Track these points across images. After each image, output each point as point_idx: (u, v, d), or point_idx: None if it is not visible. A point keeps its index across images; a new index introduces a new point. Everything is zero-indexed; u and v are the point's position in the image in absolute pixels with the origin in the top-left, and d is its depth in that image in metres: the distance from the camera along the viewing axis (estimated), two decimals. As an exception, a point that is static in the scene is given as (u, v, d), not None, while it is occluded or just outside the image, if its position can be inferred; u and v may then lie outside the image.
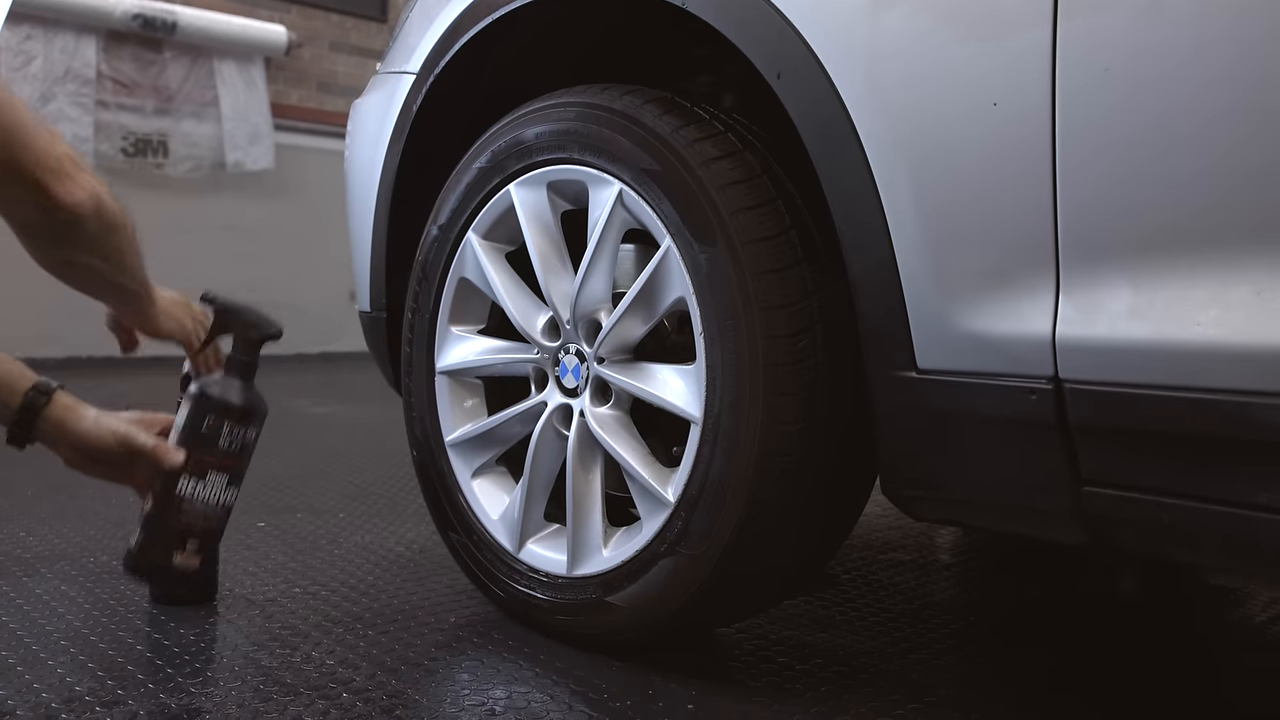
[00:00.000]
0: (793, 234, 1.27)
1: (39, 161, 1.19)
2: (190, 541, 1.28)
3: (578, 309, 1.42)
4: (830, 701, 1.32)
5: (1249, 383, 0.93)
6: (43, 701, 1.24)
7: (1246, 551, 1.00)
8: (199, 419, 1.28)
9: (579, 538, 1.43)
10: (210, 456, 1.28)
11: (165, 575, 1.26)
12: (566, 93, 1.47)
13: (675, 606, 1.34)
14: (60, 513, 2.09)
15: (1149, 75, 0.98)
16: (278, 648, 1.43)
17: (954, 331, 1.11)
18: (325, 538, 2.00)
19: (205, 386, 1.31)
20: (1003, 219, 1.07)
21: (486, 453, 1.59)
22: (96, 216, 1.25)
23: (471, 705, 1.28)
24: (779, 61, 1.22)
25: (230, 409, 1.31)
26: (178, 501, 1.27)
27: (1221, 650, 1.67)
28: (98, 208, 1.24)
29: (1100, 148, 1.00)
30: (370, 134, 1.80)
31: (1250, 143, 0.94)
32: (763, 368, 1.24)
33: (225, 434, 1.28)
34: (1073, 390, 1.03)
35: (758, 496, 1.26)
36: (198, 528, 1.28)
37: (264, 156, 5.28)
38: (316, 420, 3.50)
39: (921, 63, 1.12)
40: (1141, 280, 0.99)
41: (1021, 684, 1.45)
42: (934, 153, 1.11)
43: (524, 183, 1.49)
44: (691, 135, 1.31)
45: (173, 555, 1.27)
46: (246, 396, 1.33)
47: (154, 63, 5.02)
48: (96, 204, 1.24)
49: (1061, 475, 1.06)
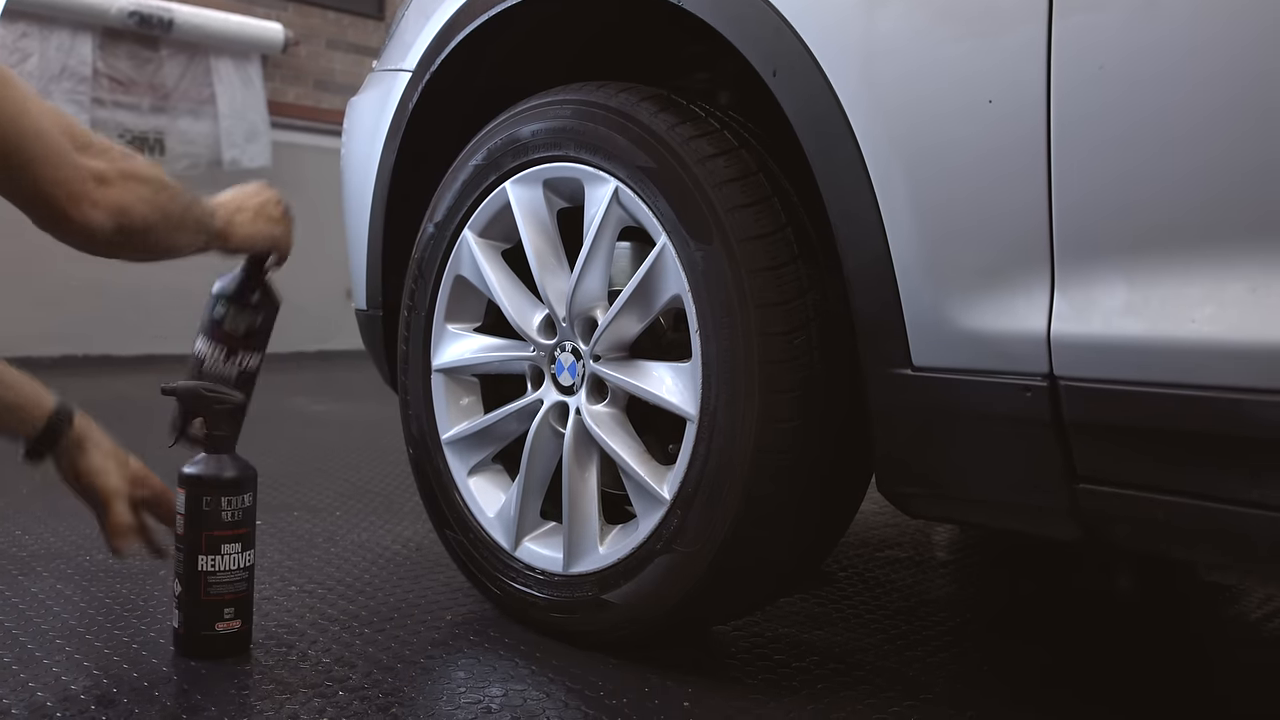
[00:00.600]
0: (788, 231, 1.27)
1: (58, 187, 1.22)
2: (226, 610, 1.38)
3: (574, 307, 1.42)
4: (826, 698, 1.32)
5: (1243, 380, 0.93)
6: (39, 700, 1.24)
7: (1240, 547, 1.00)
8: (198, 501, 1.36)
9: (575, 535, 1.43)
10: (218, 531, 1.37)
11: (214, 645, 1.37)
12: (562, 90, 1.47)
13: (671, 604, 1.34)
14: (55, 511, 2.09)
15: (1143, 73, 0.98)
16: (274, 646, 1.43)
17: (949, 329, 1.11)
18: (321, 536, 2.00)
19: (195, 470, 1.38)
20: (998, 216, 1.07)
21: (483, 450, 1.59)
22: (119, 231, 1.28)
23: (468, 703, 1.28)
24: (774, 59, 1.22)
25: (223, 484, 1.38)
26: (203, 579, 1.36)
27: (1216, 647, 1.68)
28: (120, 223, 1.27)
29: (1095, 145, 1.01)
30: (366, 131, 1.80)
31: (1245, 141, 0.94)
32: (758, 365, 1.24)
33: (225, 508, 1.37)
34: (1067, 387, 1.03)
35: (754, 494, 1.26)
36: (228, 596, 1.38)
37: (261, 154, 5.27)
38: (313, 418, 3.49)
39: (917, 60, 1.12)
40: (1136, 277, 0.99)
41: (1017, 680, 1.45)
42: (929, 150, 1.11)
43: (520, 180, 1.49)
44: (687, 133, 1.31)
45: (215, 626, 1.37)
46: (234, 468, 1.39)
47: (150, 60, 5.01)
48: (119, 220, 1.26)
49: (1056, 472, 1.06)
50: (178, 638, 1.39)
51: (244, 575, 1.39)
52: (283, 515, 2.14)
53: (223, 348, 1.55)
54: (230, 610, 1.37)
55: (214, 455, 1.39)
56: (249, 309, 1.56)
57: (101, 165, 1.26)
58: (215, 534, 1.36)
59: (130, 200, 1.27)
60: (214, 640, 1.37)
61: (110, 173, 1.27)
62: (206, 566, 1.36)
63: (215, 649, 1.37)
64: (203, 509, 1.36)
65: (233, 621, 1.38)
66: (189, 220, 1.40)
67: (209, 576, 1.36)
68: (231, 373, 1.55)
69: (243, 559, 1.38)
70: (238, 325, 1.55)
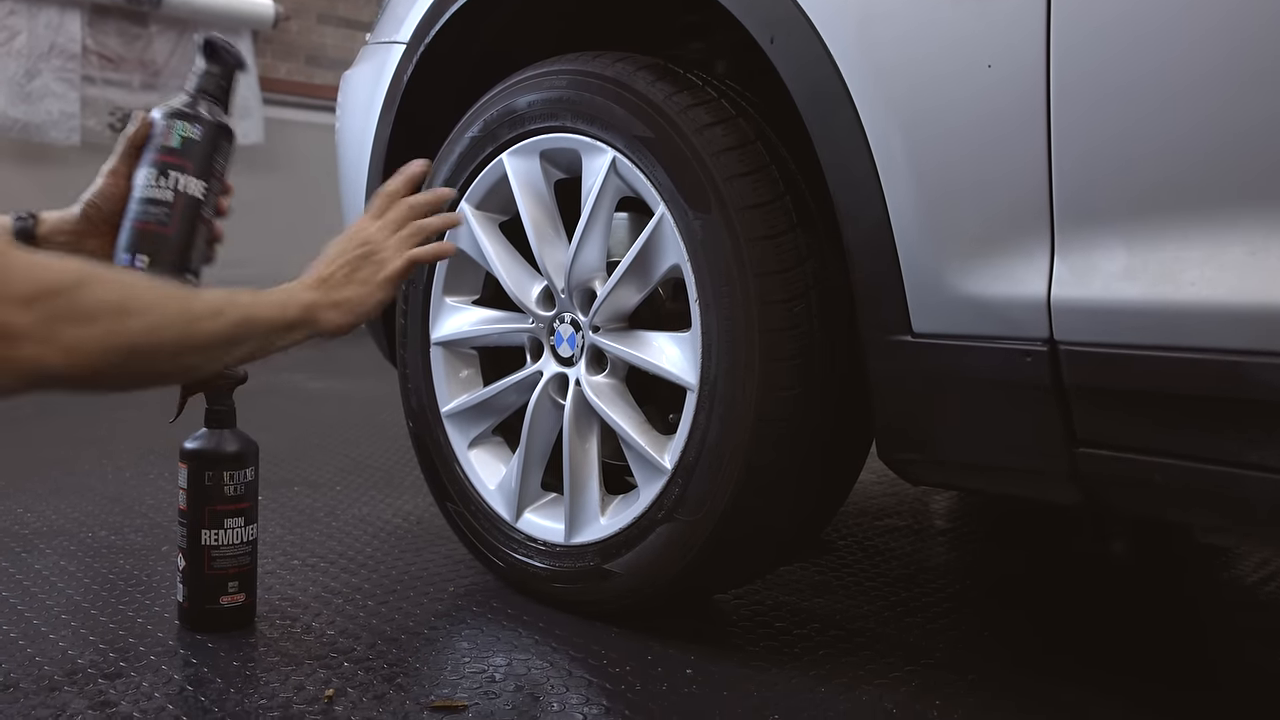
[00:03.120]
0: (787, 199, 1.27)
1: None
2: (230, 584, 1.39)
3: (572, 278, 1.42)
4: (828, 665, 1.33)
5: (1243, 342, 0.94)
6: (46, 674, 1.24)
7: (1239, 510, 1.01)
8: (200, 476, 1.37)
9: (576, 506, 1.44)
10: (220, 505, 1.38)
11: (219, 619, 1.39)
12: (558, 60, 1.46)
13: (673, 573, 1.35)
14: (57, 489, 2.10)
15: (1142, 35, 0.98)
16: (278, 619, 1.44)
17: (949, 295, 1.11)
18: (323, 511, 2.01)
19: (196, 446, 1.38)
20: (998, 181, 1.07)
21: (483, 423, 1.59)
22: (45, 383, 0.89)
23: (472, 673, 1.29)
24: (771, 26, 1.21)
25: (224, 459, 1.38)
26: (206, 553, 1.37)
27: (1213, 610, 1.69)
28: (41, 381, 0.88)
29: (1094, 108, 1.00)
30: (361, 105, 1.79)
31: (1244, 105, 0.94)
32: (758, 333, 1.24)
33: (227, 482, 1.38)
34: (1067, 352, 1.03)
35: (754, 462, 1.26)
36: (232, 570, 1.39)
37: (253, 131, 5.24)
38: (311, 395, 3.49)
39: (915, 23, 1.12)
40: (1136, 241, 0.99)
41: (1017, 644, 1.47)
42: (928, 115, 1.11)
43: (517, 152, 1.48)
44: (684, 102, 1.31)
45: (219, 599, 1.38)
46: (235, 443, 1.40)
47: (140, 37, 4.97)
48: (35, 382, 0.88)
49: (1056, 437, 1.06)
50: (182, 612, 1.40)
51: (247, 549, 1.40)
52: (283, 491, 2.15)
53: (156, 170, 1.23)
54: (234, 584, 1.39)
55: (215, 430, 1.39)
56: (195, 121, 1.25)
57: (16, 318, 0.84)
58: (218, 508, 1.37)
59: (61, 351, 0.87)
60: (219, 614, 1.38)
61: (25, 328, 0.85)
62: (210, 541, 1.36)
63: (220, 623, 1.38)
64: (205, 484, 1.37)
65: (237, 595, 1.39)
66: (207, 331, 0.99)
67: (212, 551, 1.37)
68: (167, 196, 1.22)
69: (245, 533, 1.39)
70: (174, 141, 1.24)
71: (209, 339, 0.99)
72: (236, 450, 1.39)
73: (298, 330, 1.09)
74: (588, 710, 1.20)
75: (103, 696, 1.19)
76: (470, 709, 1.19)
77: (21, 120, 4.59)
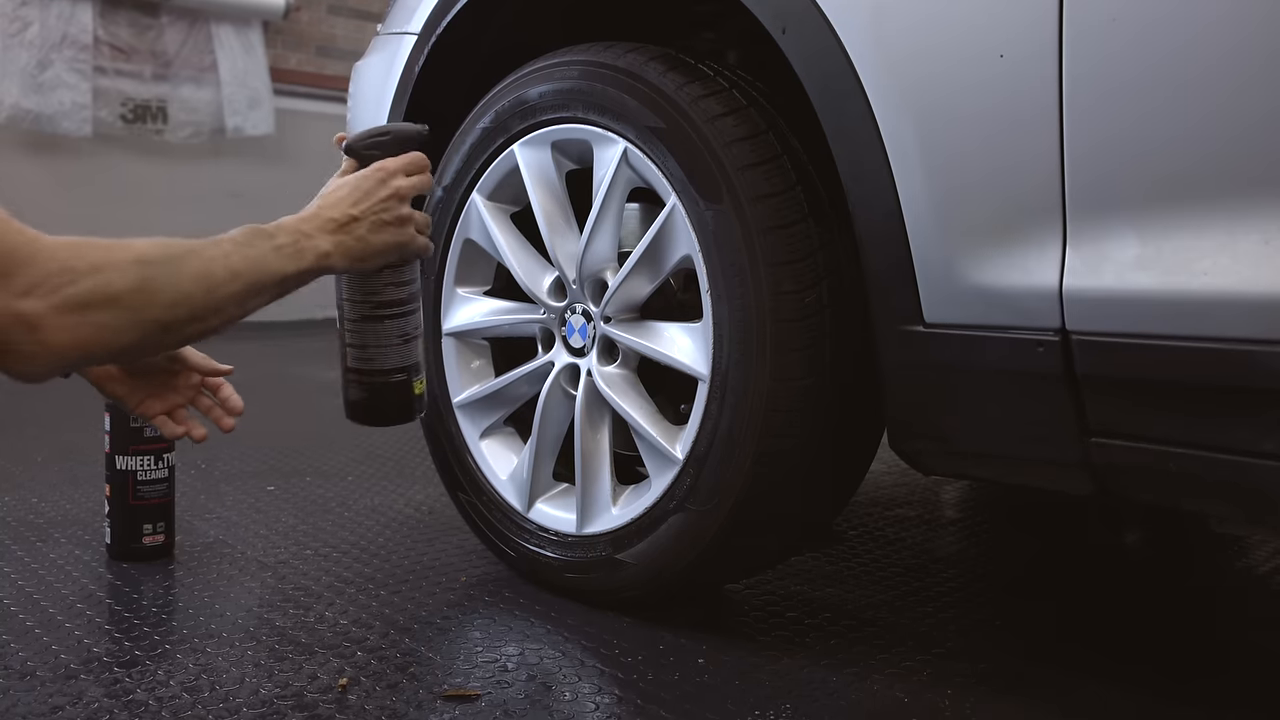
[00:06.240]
0: (798, 190, 1.27)
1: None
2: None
3: (584, 268, 1.42)
4: (840, 654, 1.34)
5: (1257, 331, 0.93)
6: (62, 663, 1.25)
7: (1252, 499, 1.01)
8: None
9: (588, 496, 1.44)
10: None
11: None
12: (569, 51, 1.46)
13: (684, 563, 1.35)
14: (72, 478, 2.11)
15: (1155, 24, 0.97)
16: (291, 608, 1.44)
17: (961, 285, 1.11)
18: (335, 500, 2.02)
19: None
20: (1010, 171, 1.07)
21: (494, 414, 1.60)
22: (82, 364, 0.99)
23: (485, 662, 1.29)
24: (784, 16, 1.21)
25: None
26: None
27: (1226, 600, 1.68)
28: (79, 361, 0.95)
29: (1107, 98, 1.00)
30: (372, 96, 1.79)
31: (1257, 94, 0.94)
32: (770, 324, 1.24)
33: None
34: (1080, 342, 1.03)
35: (766, 452, 1.27)
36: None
37: (264, 121, 5.24)
38: (322, 385, 3.50)
39: (927, 13, 1.11)
40: (1148, 231, 0.99)
41: (1030, 634, 1.47)
42: (940, 105, 1.11)
43: (528, 142, 1.48)
44: (696, 92, 1.31)
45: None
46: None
47: (151, 27, 4.97)
48: (74, 362, 0.94)
49: (1069, 426, 1.06)
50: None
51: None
52: (295, 480, 2.16)
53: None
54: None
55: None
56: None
57: (37, 306, 0.88)
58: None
59: (86, 336, 0.91)
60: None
61: (46, 313, 0.89)
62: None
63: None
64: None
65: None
66: (225, 295, 1.01)
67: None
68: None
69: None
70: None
71: (227, 300, 1.01)
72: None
73: (310, 275, 1.11)
74: (600, 699, 1.20)
75: (119, 685, 1.20)
76: (483, 698, 1.20)
77: (34, 111, 4.60)
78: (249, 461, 2.28)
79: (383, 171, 1.18)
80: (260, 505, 1.97)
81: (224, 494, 2.04)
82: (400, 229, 1.18)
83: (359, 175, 1.18)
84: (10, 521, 1.82)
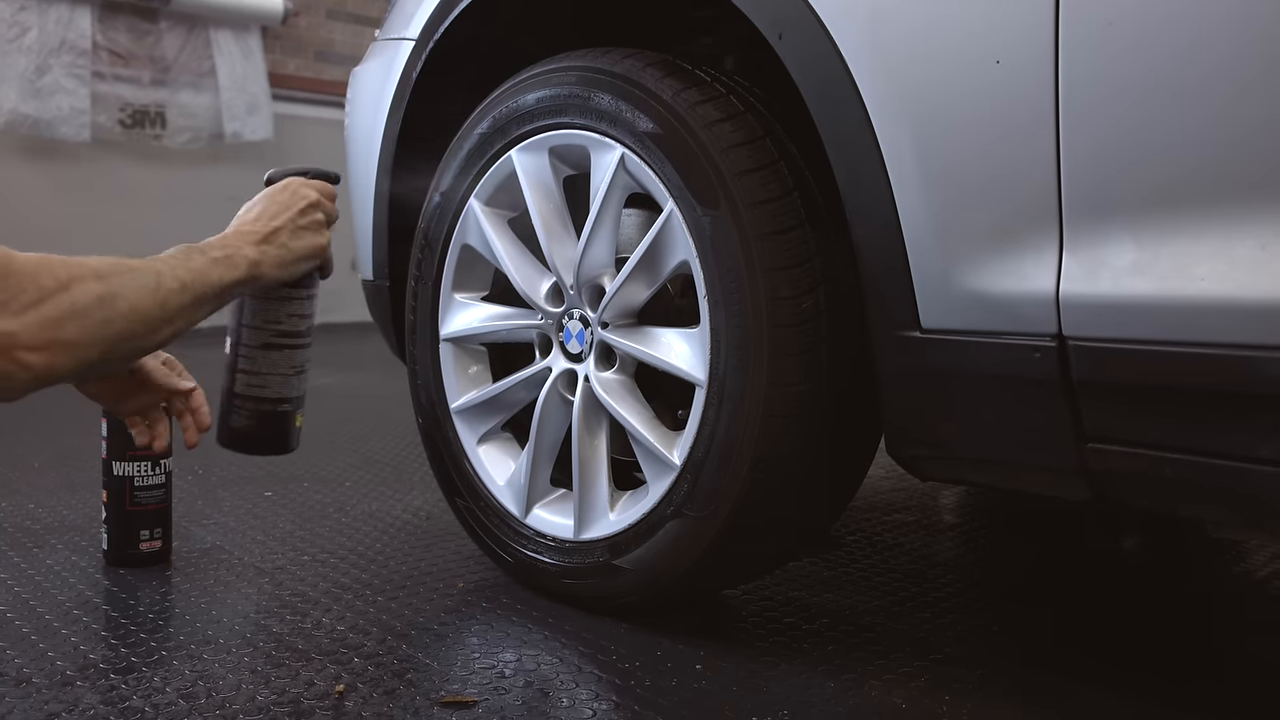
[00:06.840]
0: (795, 196, 1.27)
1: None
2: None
3: (581, 274, 1.43)
4: (838, 659, 1.33)
5: (1253, 337, 0.93)
6: (58, 669, 1.25)
7: (1249, 505, 1.01)
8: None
9: (585, 502, 1.44)
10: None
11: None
12: (567, 57, 1.46)
13: (682, 569, 1.35)
14: (68, 484, 2.11)
15: (1152, 30, 0.97)
16: (288, 614, 1.44)
17: (958, 291, 1.11)
18: (332, 506, 2.02)
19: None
20: (1007, 177, 1.07)
21: (492, 419, 1.60)
22: (50, 382, 0.97)
23: (482, 668, 1.29)
24: (780, 22, 1.21)
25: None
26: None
27: (1224, 605, 1.68)
28: (45, 381, 0.95)
29: (1103, 104, 1.00)
30: (370, 102, 1.79)
31: (1255, 100, 0.94)
32: (767, 330, 1.24)
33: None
34: (1076, 347, 1.03)
35: (763, 457, 1.27)
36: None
37: (262, 127, 5.26)
38: (320, 390, 3.50)
39: (923, 20, 1.11)
40: (1145, 236, 0.99)
41: (1027, 640, 1.46)
42: (937, 111, 1.11)
43: (526, 148, 1.49)
44: (693, 98, 1.31)
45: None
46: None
47: (149, 33, 4.99)
48: (45, 381, 0.95)
49: (1066, 432, 1.06)
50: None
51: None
52: (293, 486, 2.16)
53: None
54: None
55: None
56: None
57: (11, 324, 0.90)
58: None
59: (58, 352, 0.94)
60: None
61: (21, 331, 0.91)
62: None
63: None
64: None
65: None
66: (176, 305, 1.05)
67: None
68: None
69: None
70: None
71: (178, 311, 1.07)
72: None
73: (245, 285, 1.17)
74: (597, 705, 1.20)
75: (115, 691, 1.20)
76: (480, 704, 1.20)
77: (32, 116, 4.61)
78: (246, 467, 2.28)
79: (291, 184, 1.26)
80: (258, 511, 1.96)
81: (221, 500, 2.04)
82: (318, 233, 1.26)
83: (270, 190, 1.26)
84: (7, 527, 1.81)
